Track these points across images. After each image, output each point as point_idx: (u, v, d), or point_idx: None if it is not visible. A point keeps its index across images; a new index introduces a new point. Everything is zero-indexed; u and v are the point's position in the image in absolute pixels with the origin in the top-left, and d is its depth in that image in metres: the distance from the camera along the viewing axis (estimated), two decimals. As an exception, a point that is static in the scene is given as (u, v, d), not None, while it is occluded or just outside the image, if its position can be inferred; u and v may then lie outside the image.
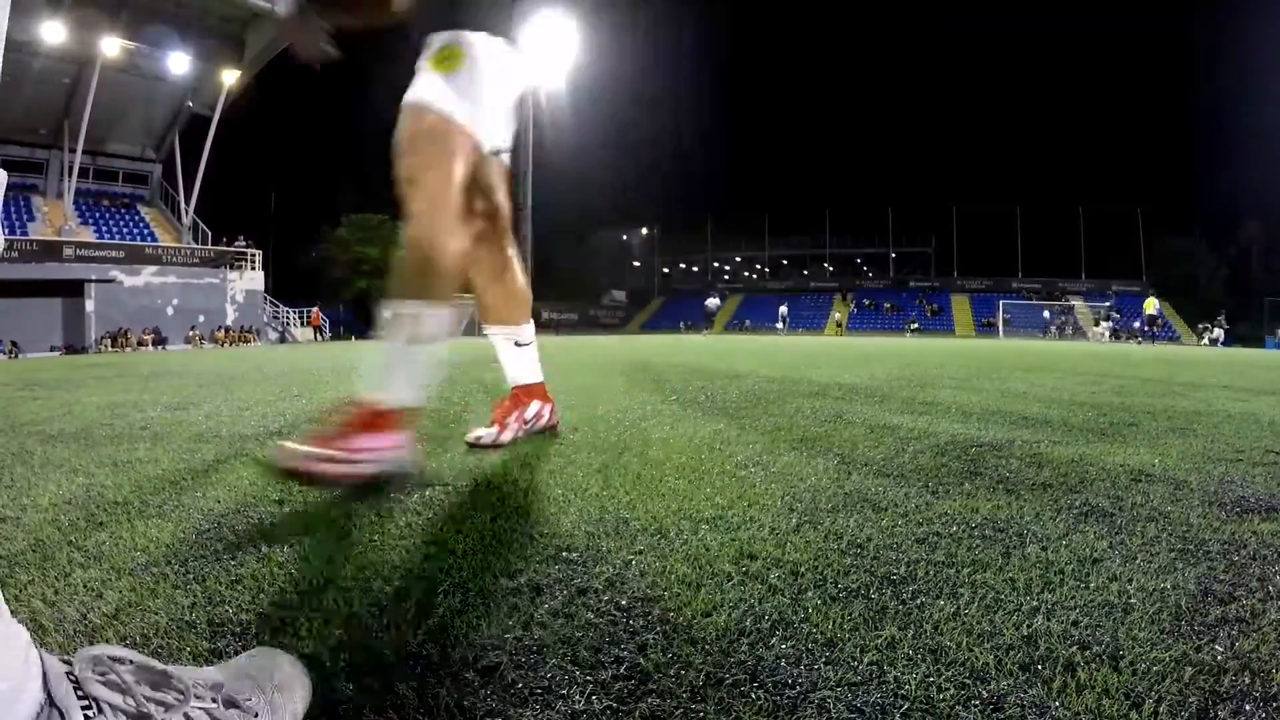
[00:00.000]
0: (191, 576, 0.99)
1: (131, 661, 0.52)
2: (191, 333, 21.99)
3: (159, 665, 0.53)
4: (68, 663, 0.50)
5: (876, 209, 52.49)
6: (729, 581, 0.97)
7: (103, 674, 0.50)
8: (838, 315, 26.63)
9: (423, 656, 0.77)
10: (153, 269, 22.17)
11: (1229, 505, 1.37)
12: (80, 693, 0.48)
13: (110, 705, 0.49)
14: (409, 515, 1.29)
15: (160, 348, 19.66)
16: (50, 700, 0.46)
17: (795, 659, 0.76)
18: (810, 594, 0.93)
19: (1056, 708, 0.67)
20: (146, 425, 2.45)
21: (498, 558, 1.07)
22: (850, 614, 0.87)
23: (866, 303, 45.35)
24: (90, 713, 0.48)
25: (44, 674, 0.47)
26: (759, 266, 57.60)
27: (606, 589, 0.95)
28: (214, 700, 0.56)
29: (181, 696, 0.53)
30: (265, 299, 25.76)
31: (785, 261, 55.98)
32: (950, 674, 0.73)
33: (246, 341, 22.60)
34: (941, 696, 0.69)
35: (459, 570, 1.01)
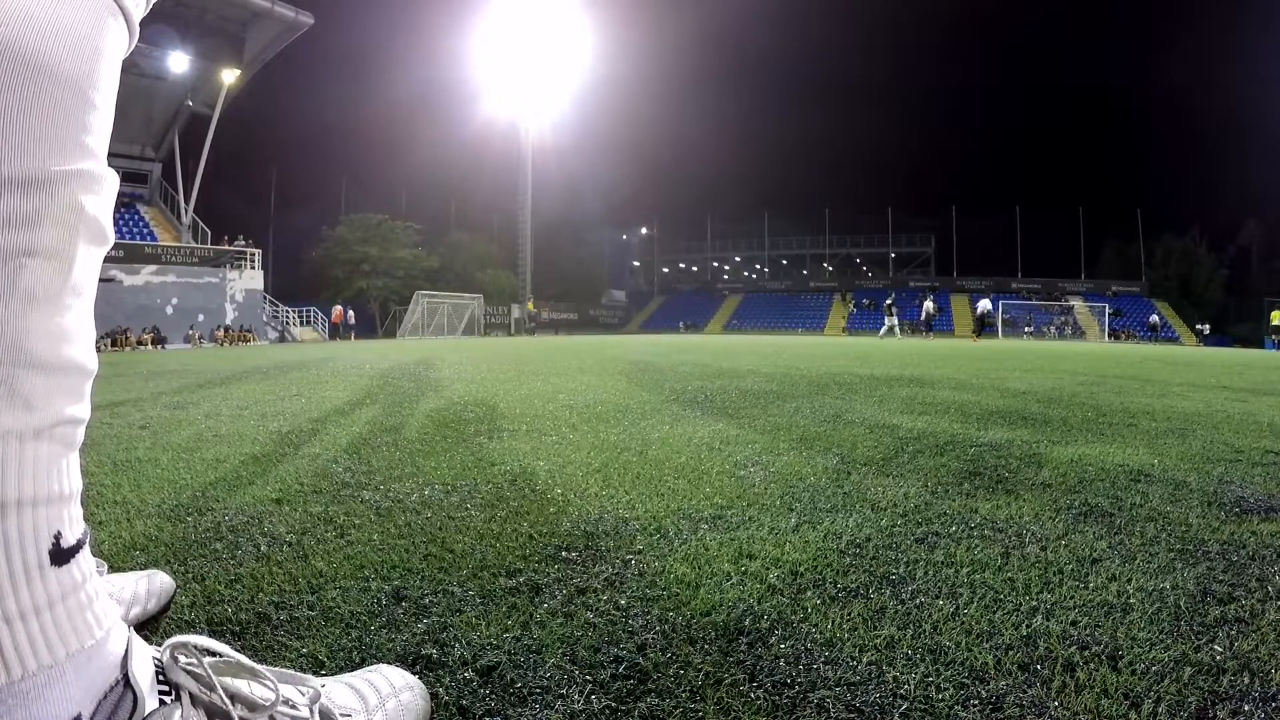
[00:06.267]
0: (191, 576, 0.99)
1: (221, 655, 0.51)
2: (191, 332, 21.96)
3: (250, 663, 0.52)
4: (158, 647, 0.50)
5: (876, 209, 52.63)
6: (728, 581, 0.97)
7: (189, 663, 0.49)
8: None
9: (422, 656, 0.77)
10: (152, 268, 22.11)
11: (1228, 505, 1.37)
12: (162, 678, 0.48)
13: (191, 695, 0.48)
14: (409, 515, 1.29)
15: (160, 347, 19.62)
16: (126, 680, 0.46)
17: (794, 659, 0.76)
18: (809, 594, 0.93)
19: (1055, 708, 0.67)
20: (146, 425, 2.44)
21: (497, 557, 1.07)
22: (849, 614, 0.87)
23: (866, 302, 45.36)
24: (169, 700, 0.47)
25: (126, 653, 0.47)
26: (759, 266, 57.63)
27: (606, 588, 0.95)
28: (308, 709, 0.54)
29: (270, 699, 0.52)
30: (265, 298, 25.73)
31: (785, 261, 56.02)
32: (949, 674, 0.73)
33: (246, 341, 22.57)
34: (940, 696, 0.69)
35: (458, 570, 1.01)
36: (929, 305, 25.91)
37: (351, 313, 27.81)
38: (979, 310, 23.63)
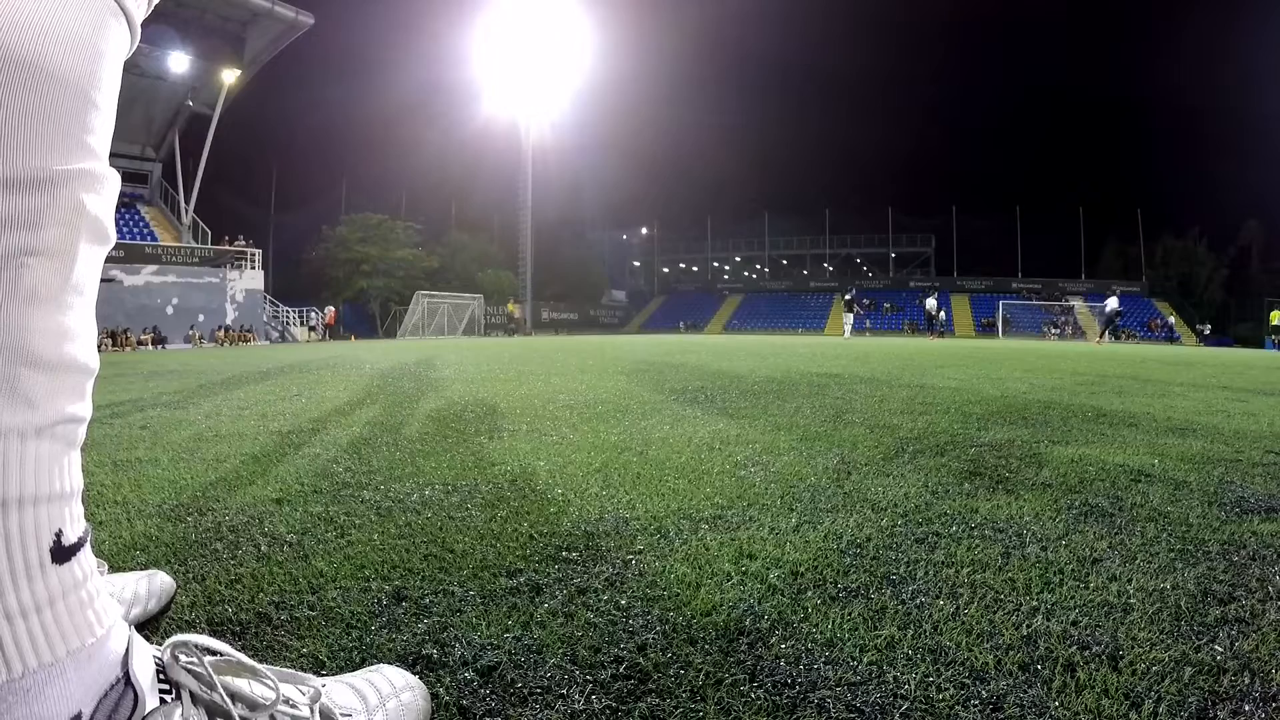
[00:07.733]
0: (191, 576, 0.99)
1: (221, 654, 0.51)
2: (191, 332, 21.97)
3: (251, 662, 0.52)
4: (159, 646, 0.50)
5: (876, 209, 52.67)
6: (728, 581, 0.97)
7: (189, 662, 0.49)
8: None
9: (423, 656, 0.77)
10: (152, 268, 22.10)
11: (1228, 505, 1.37)
12: (163, 677, 0.48)
13: (191, 694, 0.48)
14: (409, 515, 1.29)
15: (160, 347, 19.63)
16: (127, 678, 0.46)
17: (795, 659, 0.76)
18: (810, 594, 0.93)
19: (1056, 708, 0.67)
20: (146, 425, 2.44)
21: (498, 557, 1.07)
22: (850, 614, 0.87)
23: (866, 303, 45.39)
24: (169, 698, 0.48)
25: (127, 651, 0.47)
26: (759, 266, 57.63)
27: (606, 589, 0.95)
28: (309, 708, 0.54)
29: (270, 698, 0.52)
30: (265, 298, 25.72)
31: (785, 261, 56.03)
32: (950, 674, 0.73)
33: (246, 341, 22.58)
34: (941, 696, 0.69)
35: (459, 570, 1.01)
36: (930, 304, 25.94)
37: (330, 310, 27.95)
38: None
